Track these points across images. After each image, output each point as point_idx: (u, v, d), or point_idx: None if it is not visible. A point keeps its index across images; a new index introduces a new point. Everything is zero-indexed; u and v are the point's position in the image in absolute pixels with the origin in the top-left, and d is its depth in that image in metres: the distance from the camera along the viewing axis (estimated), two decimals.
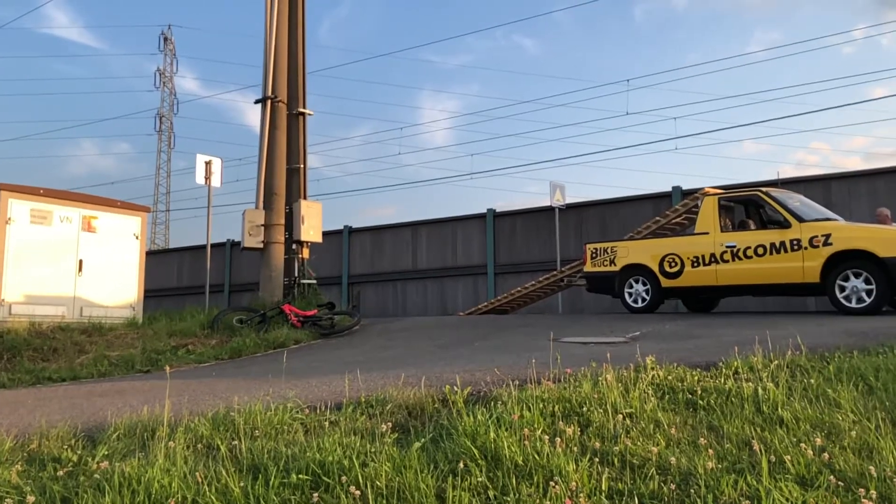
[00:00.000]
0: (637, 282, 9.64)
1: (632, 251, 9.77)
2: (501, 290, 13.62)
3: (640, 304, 9.56)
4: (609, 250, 9.99)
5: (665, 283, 9.31)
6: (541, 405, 3.66)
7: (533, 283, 11.89)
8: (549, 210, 13.69)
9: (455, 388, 4.08)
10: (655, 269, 9.39)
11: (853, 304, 7.65)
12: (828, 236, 7.93)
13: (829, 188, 11.70)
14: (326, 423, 3.76)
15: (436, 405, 4.00)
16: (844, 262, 7.78)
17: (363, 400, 4.16)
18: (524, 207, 14.85)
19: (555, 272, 11.82)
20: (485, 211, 14.86)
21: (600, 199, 13.94)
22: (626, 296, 9.72)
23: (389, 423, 3.63)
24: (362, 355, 7.46)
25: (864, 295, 7.61)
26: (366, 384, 4.94)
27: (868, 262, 7.62)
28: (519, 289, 12.03)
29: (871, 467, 2.72)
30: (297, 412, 3.95)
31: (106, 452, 3.38)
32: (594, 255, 10.14)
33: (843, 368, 4.10)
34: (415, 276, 15.44)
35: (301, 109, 12.30)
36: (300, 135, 12.29)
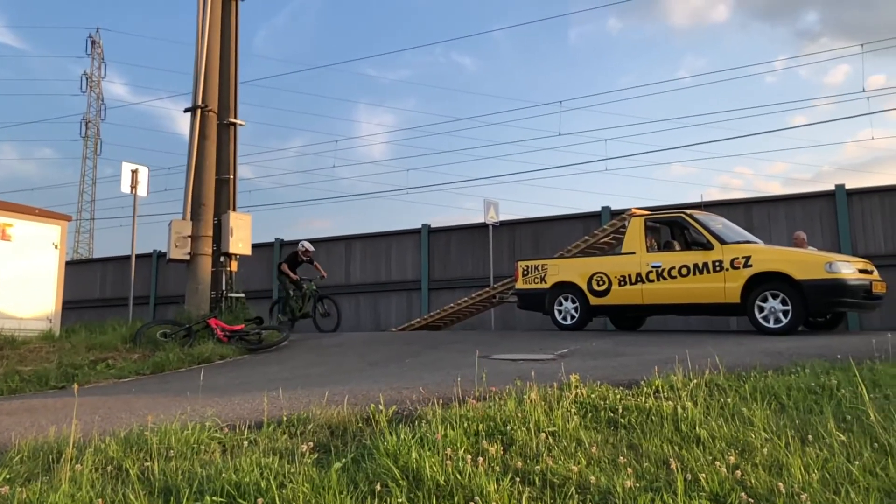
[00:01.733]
0: (566, 299, 9.78)
1: (562, 269, 9.91)
2: (435, 305, 13.62)
3: (569, 322, 9.70)
4: (540, 268, 10.11)
5: (593, 301, 9.47)
6: (465, 424, 3.65)
7: (466, 299, 11.93)
8: (483, 227, 13.80)
9: (380, 407, 4.03)
10: (584, 287, 9.55)
11: (771, 325, 7.94)
12: (748, 258, 8.22)
13: (750, 211, 12.15)
14: (245, 443, 3.66)
15: (360, 424, 3.94)
16: (763, 283, 8.07)
17: (285, 418, 4.07)
18: (459, 224, 14.93)
19: (488, 289, 11.89)
20: (420, 226, 14.86)
21: (533, 216, 14.14)
22: (556, 313, 9.85)
23: (311, 443, 3.56)
24: (289, 372, 7.31)
25: (781, 315, 7.90)
26: (290, 402, 4.83)
27: (785, 283, 7.93)
28: (452, 305, 12.05)
29: (781, 483, 2.80)
30: (216, 431, 3.83)
31: (8, 476, 3.20)
32: (525, 273, 10.25)
33: (758, 387, 4.23)
34: (348, 291, 15.28)
35: (232, 119, 12.07)
36: (231, 145, 12.05)
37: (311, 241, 16.25)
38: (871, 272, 8.19)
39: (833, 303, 7.83)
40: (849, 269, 7.84)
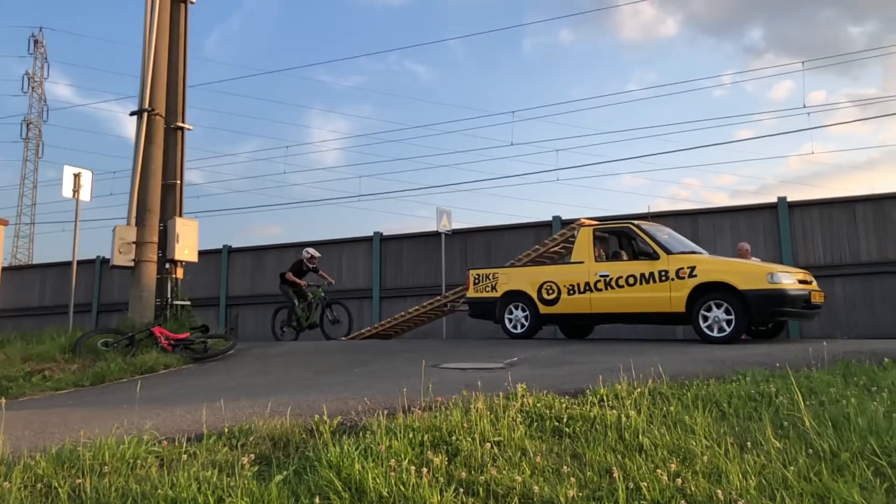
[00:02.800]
0: (517, 308, 9.82)
1: (512, 278, 9.97)
2: (387, 313, 13.55)
3: (519, 330, 9.75)
4: (491, 276, 10.15)
5: (543, 309, 9.54)
6: (410, 435, 3.62)
7: (417, 307, 11.89)
8: (435, 235, 13.80)
9: (324, 418, 3.98)
10: (534, 295, 9.61)
11: (715, 334, 8.10)
12: (693, 268, 8.38)
13: (696, 222, 12.42)
14: (184, 456, 3.56)
15: (303, 436, 3.88)
16: (707, 293, 8.23)
17: (226, 430, 3.98)
18: (411, 232, 14.91)
19: (439, 297, 11.87)
20: (372, 234, 14.79)
21: (485, 225, 14.21)
22: (507, 321, 9.89)
23: (252, 455, 3.49)
24: (235, 382, 7.17)
25: (724, 325, 8.07)
26: (233, 413, 4.73)
27: (728, 293, 8.10)
28: (403, 313, 11.99)
29: (719, 490, 2.85)
30: (154, 444, 3.72)
31: None
32: (477, 281, 10.28)
33: (700, 395, 4.30)
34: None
35: (180, 124, 11.84)
36: (178, 150, 11.81)
37: (260, 249, 16.07)
38: (810, 283, 8.43)
39: (774, 312, 8.02)
40: (789, 279, 8.06)
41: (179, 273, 11.49)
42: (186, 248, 11.40)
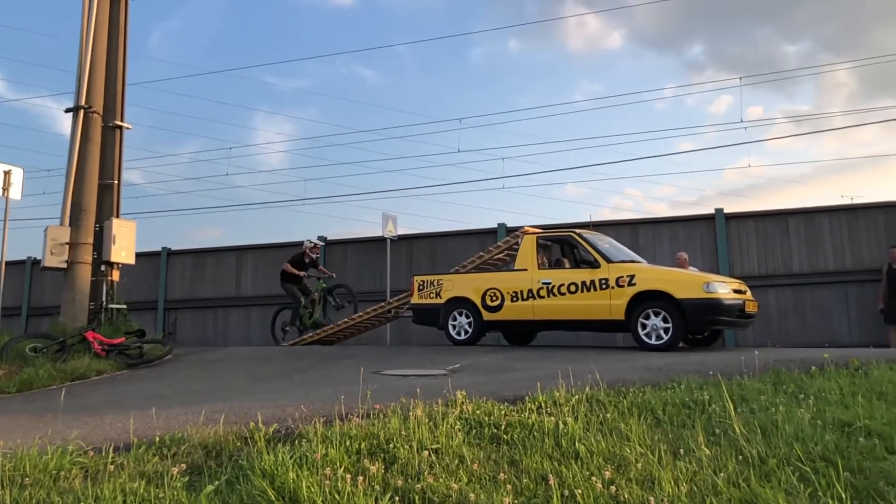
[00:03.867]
0: (461, 314, 9.84)
1: (457, 284, 9.98)
2: (331, 319, 13.38)
3: (462, 337, 9.76)
4: (435, 283, 10.14)
5: (487, 316, 9.58)
6: (347, 442, 3.58)
7: (361, 313, 11.79)
8: (381, 240, 13.72)
9: (259, 426, 3.90)
10: (478, 302, 9.65)
11: (653, 341, 8.25)
12: (632, 277, 8.53)
13: (636, 232, 12.66)
14: (111, 467, 3.44)
15: (237, 444, 3.80)
16: (646, 301, 8.39)
17: (157, 439, 3.87)
18: (356, 237, 14.79)
19: (383, 303, 11.80)
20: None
21: (431, 231, 14.21)
22: (450, 328, 9.90)
23: (183, 465, 3.39)
24: (170, 388, 6.98)
25: (662, 332, 8.23)
26: (166, 421, 4.61)
27: (666, 302, 8.27)
28: (347, 320, 11.87)
29: (652, 498, 2.89)
30: (79, 455, 3.59)
31: None
32: (421, 288, 10.26)
33: (636, 402, 4.37)
34: (238, 304, 14.81)
35: (118, 122, 11.50)
36: (116, 149, 11.46)
37: (201, 251, 15.72)
38: (744, 292, 8.67)
39: (710, 321, 8.23)
40: (724, 289, 8.28)
41: (115, 275, 11.14)
42: (123, 250, 11.06)
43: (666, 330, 8.20)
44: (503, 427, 3.88)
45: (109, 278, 11.01)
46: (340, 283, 12.61)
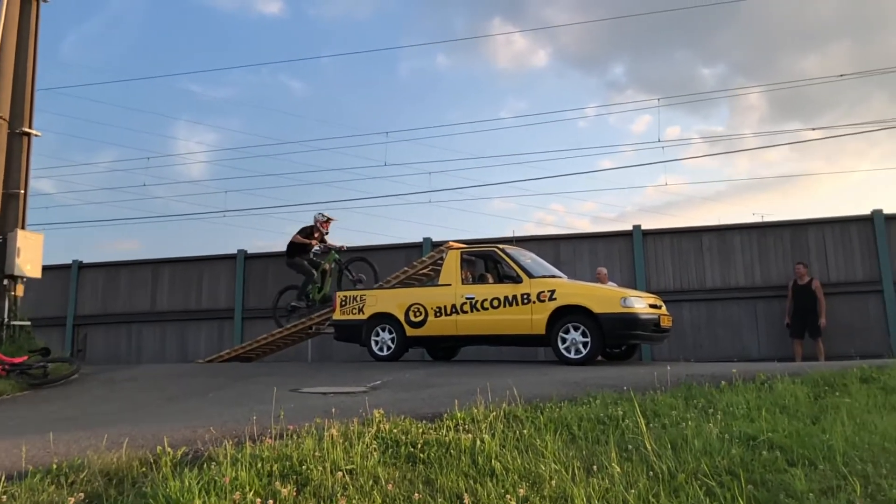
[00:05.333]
0: (384, 330, 9.76)
1: (380, 300, 9.90)
2: (250, 335, 13.04)
3: (385, 353, 9.68)
4: (358, 298, 10.03)
5: (410, 331, 9.53)
6: (258, 465, 3.46)
7: (281, 329, 11.54)
8: None
9: (166, 449, 3.73)
10: (401, 318, 9.59)
11: (572, 355, 8.38)
12: (553, 292, 8.65)
13: (558, 247, 12.87)
14: (3, 497, 3.22)
15: (142, 469, 3.62)
16: (566, 316, 8.52)
17: (55, 466, 3.64)
18: (279, 250, 14.48)
19: (304, 320, 11.59)
20: (235, 252, 14.25)
21: (355, 245, 14.05)
22: (373, 343, 9.79)
23: (81, 495, 3.21)
24: (75, 409, 6.63)
25: (581, 346, 8.37)
26: (66, 446, 4.35)
27: (585, 316, 8.42)
28: (266, 336, 11.60)
29: None
30: None
31: None
32: (343, 304, 10.12)
33: (552, 418, 4.40)
34: (153, 319, 14.27)
35: (26, 129, 10.95)
36: (23, 157, 10.91)
37: (114, 265, 15.07)
38: (660, 307, 8.92)
39: (626, 335, 8.42)
40: (640, 303, 8.49)
41: (19, 290, 10.56)
42: (28, 263, 10.51)
43: (585, 344, 8.34)
44: (420, 446, 3.83)
45: (12, 293, 10.44)
46: (359, 255, 12.09)
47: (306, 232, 12.00)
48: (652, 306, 8.70)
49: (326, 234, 12.22)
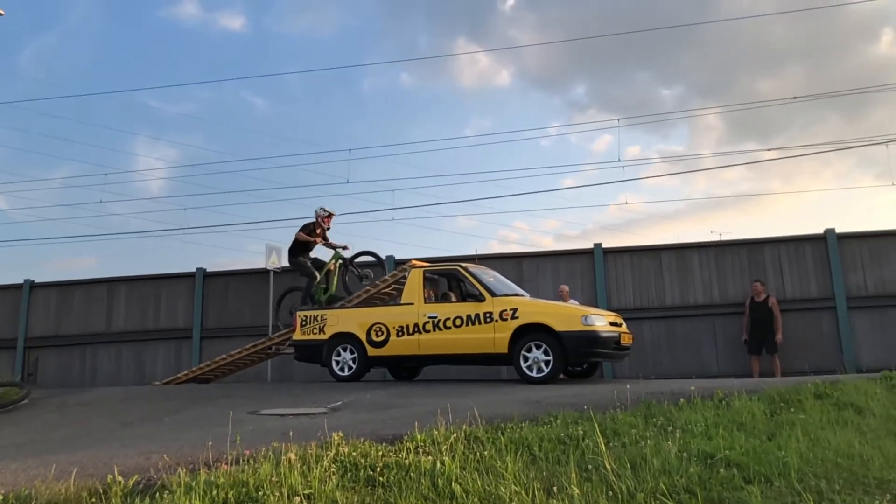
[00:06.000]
0: (345, 350, 9.66)
1: (341, 320, 9.81)
2: (209, 355, 12.79)
3: (346, 373, 9.57)
4: (319, 318, 9.92)
5: (371, 351, 9.44)
6: (213, 492, 3.38)
7: (241, 350, 11.34)
8: (264, 272, 13.31)
9: (118, 478, 3.62)
10: (363, 337, 9.50)
11: (534, 374, 8.38)
12: (515, 310, 8.67)
13: (521, 265, 12.91)
14: None
15: (92, 500, 3.50)
16: (528, 334, 8.53)
17: (1, 498, 3.51)
18: (238, 269, 14.29)
19: (265, 339, 11.42)
20: (194, 270, 14.01)
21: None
22: (334, 364, 9.68)
23: None
24: (24, 436, 6.43)
25: (543, 365, 8.37)
26: (14, 475, 4.20)
27: (547, 335, 8.44)
28: (224, 356, 11.38)
29: None
30: None
31: None
32: (304, 323, 10.00)
33: (513, 439, 4.39)
34: (108, 340, 13.90)
35: None
36: None
37: (68, 284, 14.66)
38: (620, 325, 8.99)
39: (588, 353, 8.47)
40: (601, 321, 8.55)
41: None
42: None
43: (547, 363, 8.36)
44: (379, 469, 3.78)
45: None
46: (364, 249, 11.53)
47: (308, 229, 11.43)
48: (612, 324, 8.76)
49: (328, 229, 11.60)
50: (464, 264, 9.73)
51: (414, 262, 10.37)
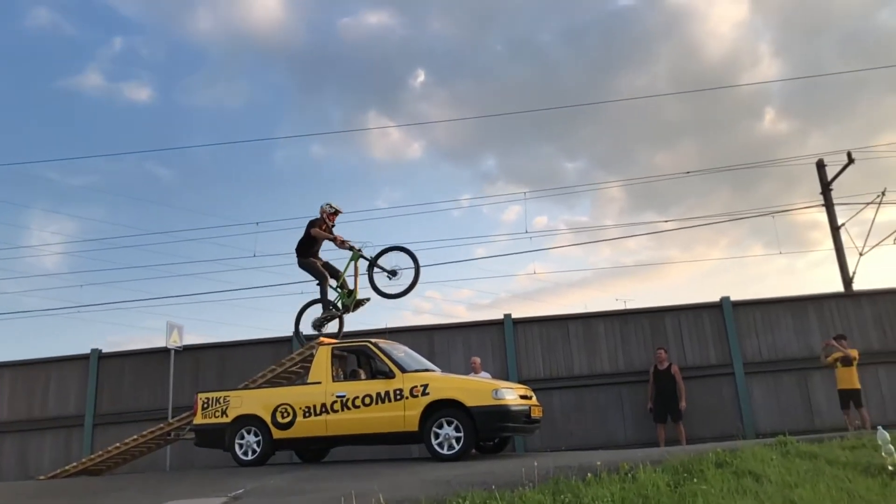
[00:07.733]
0: (249, 433, 9.24)
1: (245, 401, 9.41)
2: (102, 443, 11.96)
3: (250, 457, 9.13)
4: (222, 400, 9.48)
5: (277, 434, 9.07)
6: None
7: (136, 437, 10.65)
8: (164, 351, 12.71)
9: None
10: (268, 419, 9.13)
11: (445, 451, 8.22)
12: (426, 386, 8.55)
13: (432, 338, 12.85)
14: None
15: None
16: (439, 410, 8.42)
17: None
18: (136, 348, 13.61)
19: (163, 424, 10.78)
20: (88, 351, 13.23)
21: (219, 341, 13.44)
22: (237, 448, 9.22)
23: None
24: None
25: (454, 441, 8.24)
26: None
27: (458, 410, 8.34)
28: (118, 445, 10.64)
29: None
30: None
31: None
32: (206, 406, 9.53)
33: None
34: None
35: None
36: None
37: None
38: (530, 397, 9.00)
39: (499, 428, 8.41)
40: (512, 395, 8.53)
41: None
42: None
43: (458, 439, 8.23)
44: None
45: None
46: (399, 246, 10.20)
47: (316, 225, 10.40)
48: (523, 397, 8.77)
49: (333, 226, 10.59)
50: (374, 340, 9.58)
51: (322, 338, 10.14)
